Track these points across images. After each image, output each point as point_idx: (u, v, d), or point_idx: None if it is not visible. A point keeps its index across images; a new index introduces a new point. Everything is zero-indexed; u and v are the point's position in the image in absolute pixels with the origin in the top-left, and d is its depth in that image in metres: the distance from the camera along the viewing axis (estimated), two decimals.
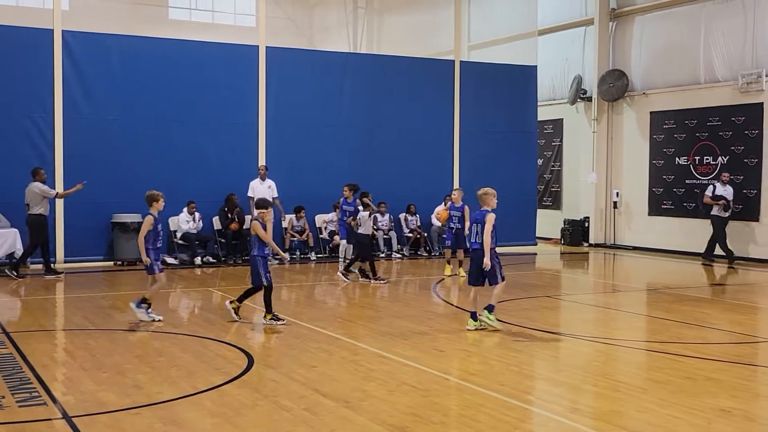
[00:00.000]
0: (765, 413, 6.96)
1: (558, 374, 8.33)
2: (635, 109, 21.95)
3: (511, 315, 11.39)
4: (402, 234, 19.61)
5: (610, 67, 22.40)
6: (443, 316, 11.82)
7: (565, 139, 24.18)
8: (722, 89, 19.46)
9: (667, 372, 8.19)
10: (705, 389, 7.50)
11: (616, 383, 7.78)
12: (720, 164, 19.45)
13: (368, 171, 19.28)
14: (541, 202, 23.46)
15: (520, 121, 21.19)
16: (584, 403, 7.30)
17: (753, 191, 18.66)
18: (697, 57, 20.13)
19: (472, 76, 20.70)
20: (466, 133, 20.51)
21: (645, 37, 21.69)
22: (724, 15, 19.47)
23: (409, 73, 20.14)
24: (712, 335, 10.28)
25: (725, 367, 8.45)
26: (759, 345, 9.97)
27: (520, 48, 22.13)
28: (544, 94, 23.59)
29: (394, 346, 9.22)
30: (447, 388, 7.62)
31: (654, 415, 6.68)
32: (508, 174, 20.44)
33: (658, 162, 21.18)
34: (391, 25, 25.93)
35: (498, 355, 8.80)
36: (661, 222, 20.56)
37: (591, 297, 13.75)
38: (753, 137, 18.75)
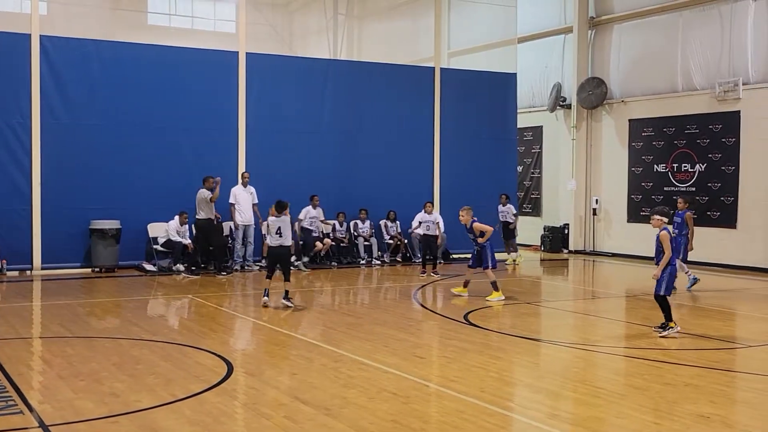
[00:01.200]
0: (743, 419, 7.00)
1: (538, 380, 8.35)
2: (614, 116, 22.11)
3: (491, 321, 11.42)
4: (383, 240, 19.59)
5: (589, 75, 22.56)
6: (423, 323, 11.83)
7: (544, 146, 24.31)
8: (699, 97, 19.65)
9: (646, 378, 8.23)
10: (684, 395, 7.54)
11: (596, 389, 7.81)
12: (698, 171, 19.63)
13: (349, 178, 19.31)
14: (521, 209, 23.54)
15: (500, 128, 21.27)
16: (564, 409, 7.31)
17: (730, 198, 18.83)
18: (674, 65, 20.33)
19: (452, 83, 20.77)
20: (447, 139, 20.56)
21: (623, 46, 21.87)
22: (701, 24, 19.68)
23: (389, 79, 20.17)
24: (690, 341, 10.35)
25: (704, 373, 8.51)
26: (737, 351, 10.05)
27: (499, 55, 22.25)
28: (524, 102, 23.73)
29: (375, 352, 9.20)
30: (427, 395, 7.61)
31: (633, 421, 6.71)
32: (488, 181, 20.51)
33: (637, 169, 21.34)
34: (372, 31, 25.97)
35: (478, 362, 8.80)
36: (639, 229, 20.68)
37: (570, 303, 13.79)
38: (730, 145, 18.93)
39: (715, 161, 19.24)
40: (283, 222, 12.40)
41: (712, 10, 19.40)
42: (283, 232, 12.37)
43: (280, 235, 12.35)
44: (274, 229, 12.38)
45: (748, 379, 8.55)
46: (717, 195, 19.05)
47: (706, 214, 19.07)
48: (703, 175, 19.47)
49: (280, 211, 12.41)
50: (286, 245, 12.53)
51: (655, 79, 20.87)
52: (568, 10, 23.12)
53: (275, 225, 12.38)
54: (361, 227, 19.19)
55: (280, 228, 12.35)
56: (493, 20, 22.62)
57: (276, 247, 12.43)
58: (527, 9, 23.05)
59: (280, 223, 12.37)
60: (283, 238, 12.38)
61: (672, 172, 20.35)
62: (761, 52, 18.43)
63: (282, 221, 12.39)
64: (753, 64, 18.57)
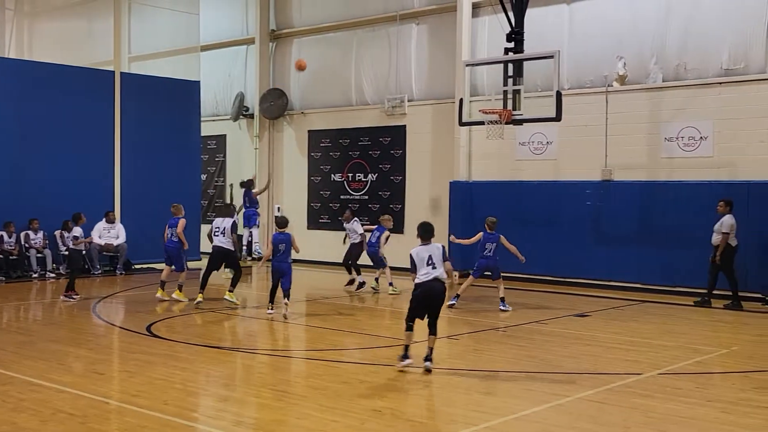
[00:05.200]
0: (411, 410, 7.67)
1: (222, 388, 8.46)
2: (294, 127, 22.92)
3: (173, 331, 11.32)
4: (58, 252, 18.46)
5: (270, 86, 23.16)
6: (104, 337, 11.40)
7: (228, 154, 24.50)
8: (371, 111, 21.08)
9: (325, 378, 8.70)
10: (359, 392, 8.08)
11: (279, 393, 8.10)
12: (370, 181, 21.02)
13: (18, 185, 17.93)
14: (205, 218, 23.45)
15: (184, 136, 21.05)
16: (248, 415, 7.50)
17: (398, 206, 20.42)
18: (349, 80, 21.60)
19: (134, 88, 20.17)
20: (128, 146, 19.89)
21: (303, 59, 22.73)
22: (372, 43, 21.13)
23: (64, 82, 19.05)
24: (364, 341, 11.08)
25: (377, 370, 9.18)
26: None
27: (183, 62, 22.02)
28: (208, 110, 23.74)
29: (49, 372, 8.71)
30: (107, 413, 7.38)
31: (313, 420, 7.07)
32: (172, 188, 20.17)
33: (316, 178, 22.33)
34: (45, 30, 24.39)
35: (162, 374, 8.70)
36: (319, 235, 21.64)
37: (255, 310, 14.07)
38: (398, 156, 20.54)
39: (385, 171, 20.76)
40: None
41: (381, 31, 20.92)
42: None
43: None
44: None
45: (414, 373, 9.34)
46: (387, 203, 20.55)
47: (378, 221, 20.44)
48: (375, 185, 20.93)
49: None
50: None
51: (332, 92, 22.00)
52: (250, 22, 23.56)
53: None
54: (33, 238, 17.94)
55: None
56: (175, 27, 22.34)
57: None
58: (211, 17, 23.11)
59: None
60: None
61: (347, 181, 21.59)
62: (423, 72, 20.23)
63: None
64: (416, 83, 20.32)
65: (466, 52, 18.74)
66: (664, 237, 16.01)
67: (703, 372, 9.27)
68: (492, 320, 12.86)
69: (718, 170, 15.72)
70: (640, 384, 8.50)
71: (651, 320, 13.11)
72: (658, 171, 16.50)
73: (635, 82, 16.86)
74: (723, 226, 14.19)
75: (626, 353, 10.29)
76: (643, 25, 16.72)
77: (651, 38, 16.63)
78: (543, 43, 16.57)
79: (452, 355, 10.50)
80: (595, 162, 17.12)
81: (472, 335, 11.50)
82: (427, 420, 7.19)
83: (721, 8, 15.85)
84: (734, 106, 15.56)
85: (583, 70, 17.52)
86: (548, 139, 17.87)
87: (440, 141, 19.65)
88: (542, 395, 8.16)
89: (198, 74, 21.65)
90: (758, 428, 7.09)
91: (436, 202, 19.71)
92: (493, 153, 18.39)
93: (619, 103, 16.91)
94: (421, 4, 20.27)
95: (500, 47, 15.71)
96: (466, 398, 8.11)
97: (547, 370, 9.20)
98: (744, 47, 15.56)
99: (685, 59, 16.24)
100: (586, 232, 17.16)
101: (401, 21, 20.44)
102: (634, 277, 16.49)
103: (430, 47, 20.16)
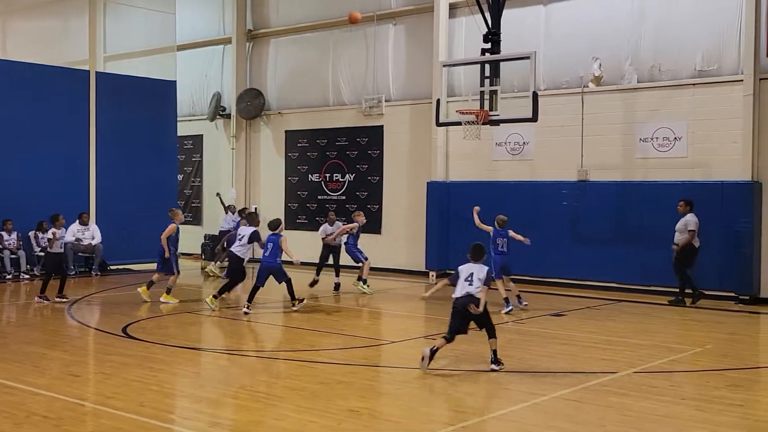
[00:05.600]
0: (388, 410, 7.68)
1: (199, 390, 8.43)
2: (271, 127, 22.86)
3: (149, 333, 11.25)
4: (32, 253, 18.29)
5: (247, 86, 23.08)
6: (79, 339, 11.32)
7: (205, 155, 24.40)
8: (348, 111, 21.07)
9: (302, 379, 8.69)
10: (336, 392, 8.08)
11: (256, 394, 8.08)
12: (348, 181, 21.01)
13: None
14: None
15: (160, 136, 20.93)
16: (225, 416, 7.48)
17: (376, 206, 20.43)
18: (326, 81, 21.58)
19: (110, 88, 20.02)
20: (104, 146, 19.74)
21: (280, 59, 22.73)
22: (349, 44, 21.13)
23: (39, 81, 18.87)
24: (342, 341, 11.09)
25: (354, 370, 9.19)
26: (382, 347, 10.97)
27: (159, 62, 21.89)
28: (184, 110, 23.63)
29: (23, 374, 8.62)
30: (82, 415, 7.32)
31: (290, 421, 7.07)
32: (148, 189, 20.10)
33: (293, 178, 22.29)
34: (19, 29, 24.10)
35: (138, 376, 8.65)
36: (296, 236, 21.50)
37: (233, 311, 14.02)
38: (375, 157, 20.55)
39: (363, 172, 20.76)
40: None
41: (358, 31, 20.90)
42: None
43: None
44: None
45: (392, 373, 9.40)
46: (364, 203, 20.54)
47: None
48: (353, 185, 20.93)
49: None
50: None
51: (309, 92, 21.97)
52: (227, 21, 23.48)
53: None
54: (6, 239, 17.76)
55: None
56: (151, 26, 22.19)
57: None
58: (187, 17, 22.99)
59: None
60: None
61: (325, 181, 21.57)
62: (400, 72, 20.26)
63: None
64: (394, 83, 20.35)
65: (443, 52, 18.79)
66: (639, 237, 16.15)
67: (678, 370, 9.36)
68: None
69: (692, 170, 15.88)
70: (616, 382, 8.57)
71: (627, 319, 13.22)
72: (633, 171, 16.64)
73: (610, 83, 16.99)
74: (689, 225, 14.38)
75: (602, 352, 10.37)
76: (619, 27, 16.85)
77: (626, 40, 16.76)
78: (520, 44, 16.65)
79: None
80: (571, 162, 17.23)
81: None
82: (405, 420, 7.21)
83: (695, 10, 16.00)
84: (708, 107, 15.72)
85: (559, 71, 17.63)
86: (525, 139, 17.96)
87: (417, 141, 19.68)
88: (519, 394, 8.21)
89: (174, 74, 21.53)
90: (732, 425, 7.17)
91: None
92: (470, 153, 18.45)
93: (594, 104, 17.03)
94: (398, 4, 20.29)
95: (477, 48, 15.76)
96: (443, 398, 8.14)
97: (524, 369, 9.25)
98: (717, 49, 15.72)
99: (660, 61, 16.38)
100: (563, 232, 17.26)
101: (378, 21, 20.45)
102: (610, 277, 16.62)
103: (407, 47, 20.19)
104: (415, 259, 19.56)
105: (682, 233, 14.49)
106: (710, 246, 14.77)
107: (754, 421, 7.39)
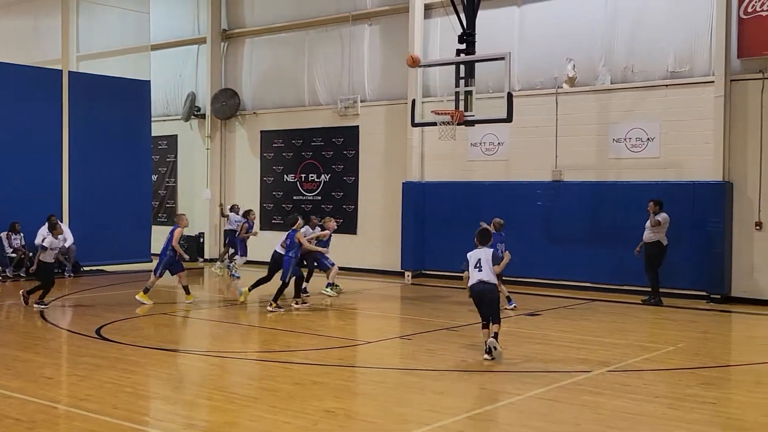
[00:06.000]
0: (363, 410, 7.69)
1: (173, 391, 8.38)
2: (247, 127, 22.79)
3: (123, 334, 11.17)
4: (4, 254, 18.08)
5: (222, 86, 23.00)
6: (52, 341, 11.21)
7: (179, 155, 24.27)
8: (324, 112, 21.06)
9: (277, 380, 8.67)
10: (312, 393, 8.08)
11: (230, 395, 8.05)
12: (323, 181, 21.00)
13: None
14: (156, 219, 23.21)
15: (134, 136, 20.77)
16: (200, 418, 7.45)
17: (351, 207, 20.43)
18: (302, 81, 21.56)
19: (83, 88, 19.83)
20: (77, 146, 19.55)
21: (255, 59, 22.66)
22: (325, 44, 21.12)
23: (10, 81, 18.67)
24: (317, 341, 11.08)
25: (330, 371, 9.18)
26: (357, 348, 10.97)
27: (133, 62, 21.74)
28: (158, 110, 23.50)
29: None
30: (55, 418, 7.26)
31: (265, 422, 7.05)
32: (123, 189, 19.96)
33: (269, 179, 22.23)
34: None
35: (111, 377, 8.58)
36: (272, 236, 21.49)
37: (206, 312, 13.96)
38: (351, 157, 20.56)
39: (338, 172, 20.76)
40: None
41: (333, 32, 20.91)
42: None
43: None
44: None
45: (367, 373, 9.41)
46: (340, 204, 20.55)
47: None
48: (328, 185, 20.92)
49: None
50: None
51: (285, 92, 21.93)
52: (202, 21, 23.38)
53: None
54: None
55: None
56: (125, 25, 22.06)
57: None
58: (161, 17, 22.87)
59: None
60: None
61: (300, 182, 21.53)
62: (376, 73, 20.28)
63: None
64: (369, 83, 20.36)
65: (418, 53, 18.81)
66: (613, 236, 16.28)
67: (651, 369, 9.45)
68: (444, 320, 12.95)
69: (665, 171, 16.04)
70: (590, 381, 8.63)
71: (601, 318, 13.33)
72: (607, 171, 16.77)
73: (584, 84, 17.11)
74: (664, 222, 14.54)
75: (577, 351, 10.44)
76: (592, 29, 16.98)
77: (599, 41, 16.90)
78: (494, 45, 16.74)
79: (405, 355, 10.56)
80: (546, 162, 17.33)
81: (424, 335, 11.56)
82: (380, 420, 7.22)
83: (667, 13, 16.16)
84: (680, 108, 15.89)
85: (533, 71, 17.73)
86: (500, 139, 18.04)
87: (393, 141, 19.71)
88: (494, 394, 8.25)
89: (148, 74, 21.39)
90: (704, 423, 7.26)
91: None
92: (445, 153, 18.50)
93: (568, 105, 17.15)
94: (373, 4, 20.31)
95: (452, 48, 15.81)
96: (419, 398, 8.16)
97: (498, 369, 9.29)
98: (689, 51, 15.89)
99: (633, 62, 16.53)
100: (537, 232, 17.36)
101: (354, 21, 20.46)
102: (584, 276, 16.74)
103: (382, 48, 20.21)
104: (390, 260, 19.58)
105: (652, 231, 14.61)
106: (682, 246, 14.92)
107: (725, 419, 7.48)
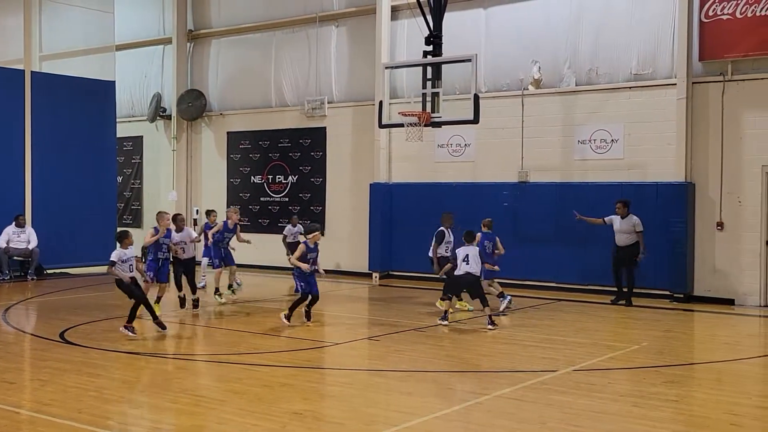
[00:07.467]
0: (331, 412, 7.70)
1: (139, 395, 8.32)
2: (213, 128, 22.65)
3: (90, 338, 11.06)
4: None
5: (188, 86, 22.84)
6: (14, 345, 11.06)
7: (145, 156, 24.05)
8: (291, 113, 21.01)
9: (245, 382, 8.64)
10: (280, 395, 8.06)
11: (197, 398, 8.00)
12: (291, 183, 20.95)
13: None
14: (121, 221, 22.96)
15: (99, 137, 20.53)
16: (166, 421, 7.40)
17: (319, 208, 20.41)
18: (269, 82, 21.48)
19: (46, 88, 19.57)
20: (40, 147, 19.26)
21: (221, 60, 22.54)
22: (292, 45, 21.06)
23: None
24: (285, 343, 11.05)
25: (297, 373, 9.17)
26: (325, 349, 10.96)
27: (97, 62, 21.50)
28: (124, 111, 23.27)
29: None
30: (18, 423, 7.16)
31: (233, 425, 7.02)
32: (87, 191, 19.73)
33: (235, 180, 22.12)
34: None
35: (76, 382, 8.49)
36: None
37: (176, 314, 13.85)
38: (318, 158, 20.53)
39: (306, 173, 20.72)
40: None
41: (300, 33, 20.87)
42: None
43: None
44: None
45: (335, 375, 9.42)
46: (307, 205, 20.52)
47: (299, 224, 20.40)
48: (295, 187, 20.87)
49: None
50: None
51: (252, 93, 21.84)
52: (167, 21, 23.19)
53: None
54: None
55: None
56: (89, 25, 21.80)
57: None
58: (126, 16, 22.63)
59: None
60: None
61: (267, 183, 21.45)
62: (343, 74, 20.27)
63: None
64: (336, 84, 20.35)
65: (385, 54, 18.87)
66: (578, 237, 16.42)
67: (616, 368, 9.56)
68: (411, 321, 12.99)
69: (629, 172, 16.23)
70: (555, 381, 8.72)
71: (566, 318, 13.45)
72: (572, 173, 16.93)
73: (549, 86, 17.26)
74: (638, 226, 14.69)
75: (542, 351, 10.54)
76: (557, 31, 17.14)
77: (564, 44, 17.06)
78: (461, 47, 16.81)
79: (373, 356, 10.58)
80: (512, 164, 17.46)
81: (392, 336, 11.59)
82: (348, 421, 7.23)
83: (630, 16, 16.36)
84: (643, 110, 16.09)
85: (499, 73, 17.84)
86: (466, 141, 18.13)
87: (360, 143, 19.72)
88: (461, 394, 8.30)
89: (113, 74, 21.17)
90: (668, 420, 7.36)
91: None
92: (412, 155, 18.55)
93: (534, 107, 17.29)
94: (340, 6, 20.30)
95: (419, 50, 15.85)
96: (386, 399, 8.18)
97: (465, 369, 9.34)
98: (652, 53, 16.10)
99: (597, 64, 16.71)
100: (503, 233, 17.33)
101: (321, 23, 20.43)
102: (550, 276, 16.89)
103: (349, 49, 20.21)
104: (358, 261, 19.59)
105: (630, 234, 14.76)
106: (646, 246, 15.11)
107: (689, 416, 7.60)
